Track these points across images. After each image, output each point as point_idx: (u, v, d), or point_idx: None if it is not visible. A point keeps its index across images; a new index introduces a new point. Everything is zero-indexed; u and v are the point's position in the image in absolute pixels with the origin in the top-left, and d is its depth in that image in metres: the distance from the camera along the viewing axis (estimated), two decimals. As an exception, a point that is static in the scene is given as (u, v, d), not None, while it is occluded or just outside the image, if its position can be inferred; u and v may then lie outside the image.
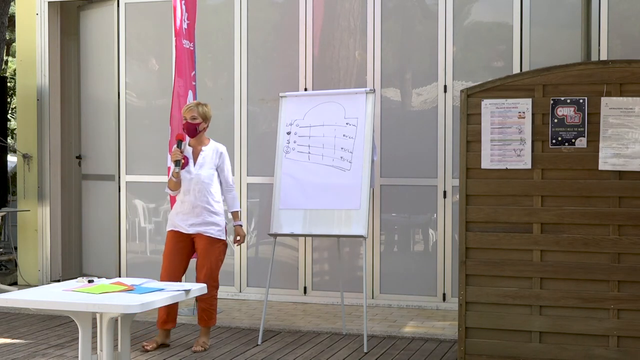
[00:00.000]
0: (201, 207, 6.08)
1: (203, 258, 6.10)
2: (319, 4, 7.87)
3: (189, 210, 6.09)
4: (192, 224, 6.10)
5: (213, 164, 6.14)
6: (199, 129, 6.10)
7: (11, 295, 4.32)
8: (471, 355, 5.48)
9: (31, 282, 8.79)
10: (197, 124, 6.08)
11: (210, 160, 6.14)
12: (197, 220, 6.09)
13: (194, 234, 6.12)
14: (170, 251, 6.15)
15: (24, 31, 8.91)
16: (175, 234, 6.16)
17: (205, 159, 6.13)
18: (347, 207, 6.42)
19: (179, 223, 6.13)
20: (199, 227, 6.10)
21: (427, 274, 7.60)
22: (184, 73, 7.12)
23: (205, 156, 6.14)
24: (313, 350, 6.18)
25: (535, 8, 7.33)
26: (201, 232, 6.10)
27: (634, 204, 5.20)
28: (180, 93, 7.07)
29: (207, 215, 6.10)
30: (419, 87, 7.69)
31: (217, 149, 6.20)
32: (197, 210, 6.08)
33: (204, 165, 6.11)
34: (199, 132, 6.12)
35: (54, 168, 8.96)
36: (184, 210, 6.12)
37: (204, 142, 6.18)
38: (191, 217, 6.09)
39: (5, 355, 6.03)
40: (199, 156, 6.12)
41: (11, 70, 16.05)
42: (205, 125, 6.16)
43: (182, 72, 7.11)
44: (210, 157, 6.14)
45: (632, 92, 5.19)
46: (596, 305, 5.26)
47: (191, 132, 6.10)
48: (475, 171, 5.49)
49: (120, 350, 4.43)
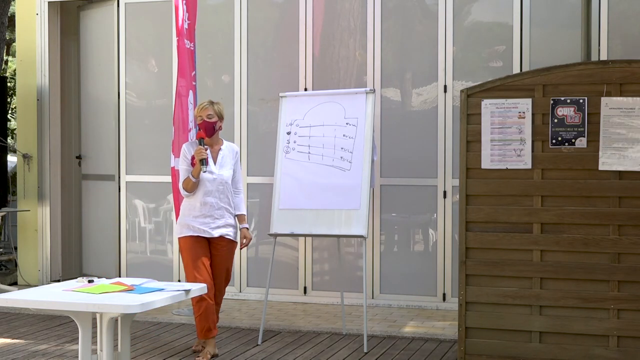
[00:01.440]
0: (224, 209, 5.92)
1: (225, 260, 5.96)
2: (319, 4, 7.87)
3: (212, 213, 5.88)
4: (216, 227, 5.88)
5: (231, 163, 5.99)
6: (216, 127, 5.91)
7: (11, 295, 4.33)
8: (471, 355, 5.48)
9: (31, 282, 8.79)
10: (214, 122, 5.88)
11: (230, 160, 5.98)
12: (220, 223, 5.91)
13: (216, 237, 5.91)
14: (199, 258, 5.81)
15: (24, 31, 8.91)
16: (196, 240, 5.86)
17: (225, 158, 5.97)
18: (347, 207, 6.42)
19: (201, 227, 5.85)
20: (222, 229, 5.92)
21: (427, 274, 7.60)
22: (185, 73, 7.11)
23: (225, 156, 5.97)
24: (313, 350, 6.18)
25: (535, 8, 7.33)
26: (223, 235, 5.93)
27: (634, 204, 5.20)
28: (182, 93, 7.05)
29: (228, 217, 5.96)
30: (419, 87, 7.69)
31: (233, 149, 6.06)
32: (220, 212, 5.90)
33: (224, 165, 5.95)
34: (216, 131, 5.94)
35: (54, 168, 8.96)
36: (205, 212, 5.86)
37: (219, 141, 6.02)
38: (215, 220, 5.88)
39: (5, 355, 6.03)
40: (218, 155, 5.95)
41: (11, 70, 16.05)
42: (221, 124, 5.98)
43: (184, 72, 7.10)
44: (228, 156, 5.99)
45: (632, 92, 5.19)
46: (596, 305, 5.26)
47: (209, 130, 5.87)
48: (475, 171, 5.49)
49: (120, 350, 4.43)
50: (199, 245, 5.84)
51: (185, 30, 7.15)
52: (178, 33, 7.08)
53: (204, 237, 5.88)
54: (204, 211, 5.86)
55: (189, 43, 7.23)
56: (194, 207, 5.88)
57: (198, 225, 5.85)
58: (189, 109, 7.04)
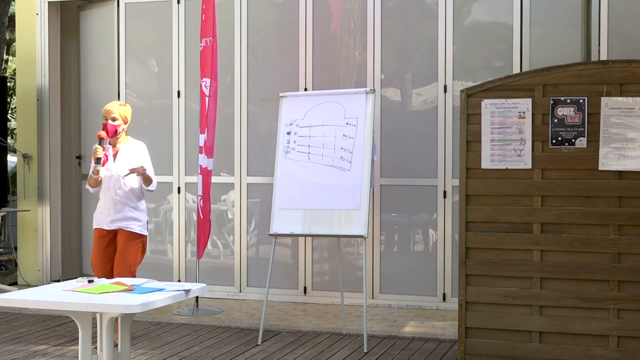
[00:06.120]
0: (122, 203, 6.19)
1: (122, 252, 6.19)
2: (319, 4, 7.87)
3: (110, 207, 6.19)
4: (113, 220, 6.19)
5: (132, 160, 6.21)
6: (118, 131, 6.21)
7: (11, 295, 4.33)
8: (471, 355, 5.49)
9: (31, 282, 8.79)
10: (117, 126, 6.19)
11: (130, 158, 6.22)
12: (118, 216, 6.19)
13: (115, 230, 6.22)
14: (96, 250, 6.24)
15: (24, 31, 8.91)
16: (100, 233, 6.25)
17: (125, 156, 6.23)
18: (347, 207, 6.42)
19: (103, 220, 6.23)
20: (119, 222, 6.19)
21: (427, 274, 7.60)
22: (216, 74, 7.28)
23: (125, 153, 6.24)
24: (313, 350, 6.18)
25: (535, 8, 7.32)
26: (122, 228, 6.20)
27: (634, 204, 5.20)
28: (212, 94, 7.25)
29: (128, 211, 6.21)
30: (419, 87, 7.69)
31: (136, 146, 6.31)
32: (118, 207, 6.18)
33: (123, 162, 6.20)
34: (119, 133, 6.24)
35: (54, 168, 8.96)
36: (105, 207, 6.23)
37: (123, 140, 6.30)
38: (114, 214, 6.18)
39: (5, 355, 6.03)
40: (118, 154, 6.24)
41: (11, 70, 16.05)
42: (125, 127, 6.28)
43: (215, 73, 7.26)
44: (129, 154, 6.24)
45: (632, 92, 5.19)
46: (596, 305, 5.26)
47: (111, 133, 6.19)
48: (475, 171, 5.49)
49: (120, 350, 4.43)
50: (102, 239, 6.23)
51: (211, 29, 7.22)
52: (208, 33, 7.15)
53: (106, 230, 6.23)
54: (104, 206, 6.24)
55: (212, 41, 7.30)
56: (100, 202, 6.29)
57: (101, 218, 6.25)
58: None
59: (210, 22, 7.25)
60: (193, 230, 8.18)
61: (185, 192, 8.25)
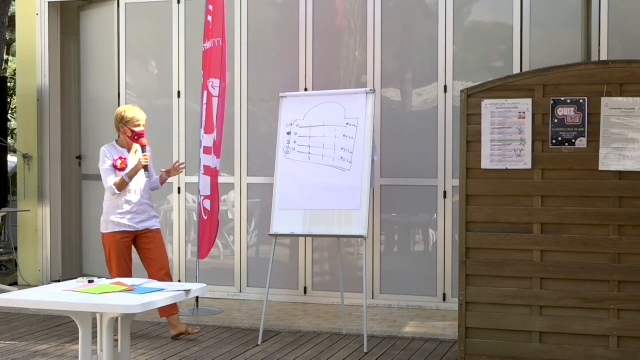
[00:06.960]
0: (146, 204, 6.44)
1: (156, 250, 6.44)
2: (319, 4, 7.87)
3: (137, 208, 6.36)
4: (140, 220, 6.38)
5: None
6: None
7: (11, 295, 4.32)
8: (471, 355, 5.49)
9: (31, 282, 8.79)
10: (144, 130, 6.41)
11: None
12: (143, 217, 6.41)
13: (135, 231, 6.38)
14: (118, 253, 6.33)
15: (24, 31, 8.92)
16: (122, 234, 6.33)
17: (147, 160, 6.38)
18: (347, 207, 6.42)
19: (128, 222, 6.32)
20: (146, 222, 6.42)
21: (427, 274, 7.60)
22: (225, 75, 7.34)
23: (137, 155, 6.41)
24: (313, 350, 6.18)
25: (535, 8, 7.32)
26: (149, 227, 6.42)
27: (634, 204, 5.20)
28: (221, 94, 7.29)
29: (150, 210, 6.48)
30: (419, 87, 7.69)
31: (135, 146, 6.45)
32: (143, 207, 6.42)
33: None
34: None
35: (54, 168, 8.96)
36: (132, 208, 6.33)
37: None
38: (139, 214, 6.37)
39: (5, 355, 6.03)
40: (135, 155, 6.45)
41: (11, 70, 16.05)
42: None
43: (224, 74, 7.31)
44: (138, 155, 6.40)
45: (632, 92, 5.19)
46: (596, 305, 5.26)
47: (142, 138, 6.35)
48: (475, 171, 5.49)
49: (120, 350, 4.43)
50: (123, 241, 6.34)
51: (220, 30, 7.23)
52: (216, 34, 7.20)
53: (129, 232, 6.35)
54: (128, 207, 6.33)
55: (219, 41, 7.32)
56: (118, 206, 6.32)
57: (126, 220, 6.33)
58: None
59: (219, 23, 7.26)
60: (193, 230, 8.18)
61: (185, 192, 8.25)
